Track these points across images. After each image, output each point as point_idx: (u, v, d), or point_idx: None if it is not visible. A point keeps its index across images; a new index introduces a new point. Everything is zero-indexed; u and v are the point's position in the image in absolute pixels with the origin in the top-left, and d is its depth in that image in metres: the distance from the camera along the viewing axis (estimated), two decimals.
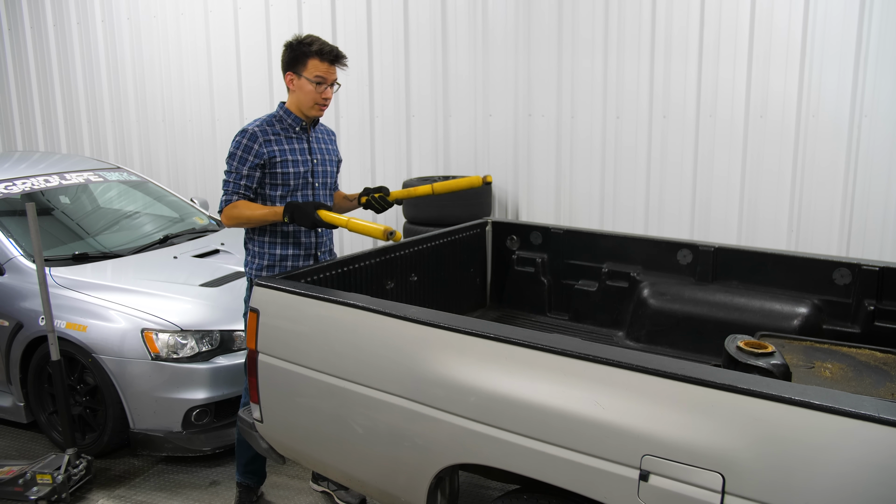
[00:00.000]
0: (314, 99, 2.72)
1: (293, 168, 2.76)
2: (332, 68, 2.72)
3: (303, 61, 2.69)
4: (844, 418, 1.41)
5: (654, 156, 4.72)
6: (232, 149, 2.70)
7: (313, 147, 2.86)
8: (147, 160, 6.95)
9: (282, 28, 5.90)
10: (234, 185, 2.69)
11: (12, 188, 4.03)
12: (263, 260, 2.81)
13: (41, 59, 7.43)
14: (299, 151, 2.79)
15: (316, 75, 2.69)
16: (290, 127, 2.79)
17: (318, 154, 2.86)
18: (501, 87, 5.17)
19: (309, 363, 2.30)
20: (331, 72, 2.72)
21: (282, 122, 2.79)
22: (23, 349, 3.50)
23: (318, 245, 2.88)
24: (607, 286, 3.35)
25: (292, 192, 2.78)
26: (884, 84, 4.03)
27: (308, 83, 2.70)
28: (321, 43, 2.70)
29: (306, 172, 2.80)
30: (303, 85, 2.71)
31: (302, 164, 2.79)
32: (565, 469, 1.74)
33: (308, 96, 2.72)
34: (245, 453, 2.94)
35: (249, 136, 2.70)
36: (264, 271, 2.80)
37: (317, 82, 2.69)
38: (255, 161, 2.69)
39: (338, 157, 3.02)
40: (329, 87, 2.73)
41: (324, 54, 2.68)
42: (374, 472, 2.24)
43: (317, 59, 2.68)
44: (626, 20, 4.65)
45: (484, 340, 1.91)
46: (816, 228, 4.34)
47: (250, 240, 2.84)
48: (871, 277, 2.71)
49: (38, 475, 3.02)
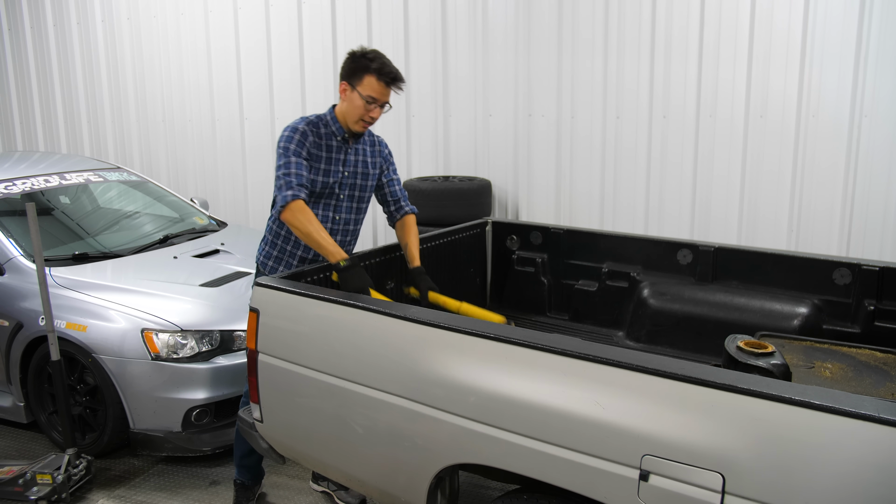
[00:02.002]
0: (361, 115, 2.66)
1: (322, 177, 2.70)
2: (388, 90, 2.66)
3: (360, 75, 2.62)
4: (844, 418, 1.41)
5: (654, 156, 4.73)
6: (284, 143, 2.62)
7: (349, 159, 2.78)
8: (147, 160, 6.95)
9: (282, 28, 5.90)
10: (297, 181, 2.57)
11: (12, 188, 4.03)
12: (274, 249, 2.81)
13: (41, 59, 7.43)
14: (333, 161, 2.73)
15: (369, 94, 2.62)
16: (333, 134, 2.73)
17: (351, 166, 2.79)
18: (501, 87, 5.17)
19: (309, 363, 2.30)
20: (385, 93, 2.65)
21: (327, 126, 2.73)
22: (23, 349, 3.50)
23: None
24: (607, 286, 3.35)
25: (314, 200, 2.72)
26: (884, 84, 4.03)
27: (359, 98, 2.63)
28: (382, 62, 2.63)
29: (334, 184, 2.74)
30: (354, 99, 2.65)
31: (332, 175, 2.73)
32: (565, 469, 1.74)
33: (356, 111, 2.65)
34: (243, 446, 2.95)
35: (301, 133, 2.64)
36: (271, 261, 2.82)
37: (368, 101, 2.63)
38: (307, 157, 2.64)
39: (379, 169, 2.90)
40: (379, 108, 2.67)
41: (382, 74, 2.61)
42: (374, 472, 2.24)
43: (374, 78, 2.61)
44: (626, 20, 4.65)
45: (484, 340, 1.91)
46: (816, 228, 4.34)
47: (271, 229, 2.82)
48: (871, 277, 2.71)
49: (38, 475, 3.02)
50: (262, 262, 2.85)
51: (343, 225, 2.84)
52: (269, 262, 2.83)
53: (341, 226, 2.83)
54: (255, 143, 6.29)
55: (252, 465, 3.03)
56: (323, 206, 2.76)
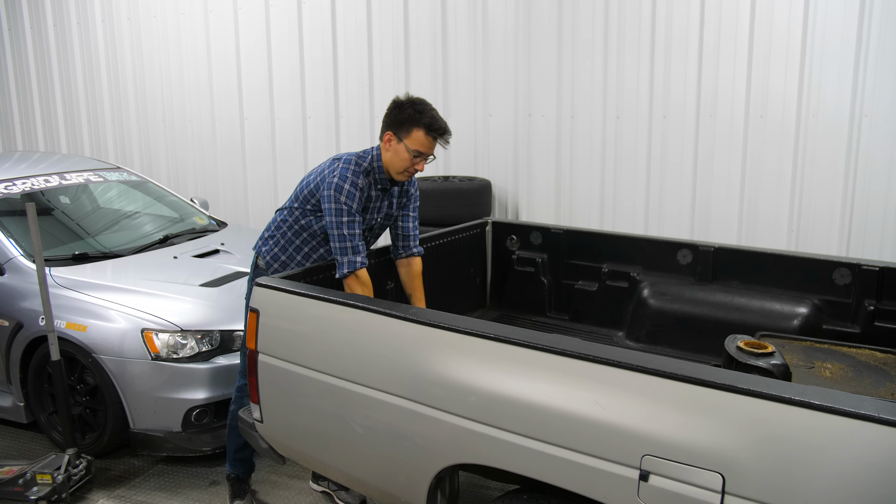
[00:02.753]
0: (406, 168, 2.60)
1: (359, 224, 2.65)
2: (435, 143, 2.61)
3: (407, 128, 2.56)
4: (844, 418, 1.41)
5: (654, 156, 4.73)
6: (346, 200, 2.54)
7: (382, 206, 2.75)
8: (147, 160, 6.95)
9: (282, 28, 5.90)
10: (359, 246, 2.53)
11: (12, 188, 4.03)
12: (283, 254, 2.80)
13: (41, 59, 7.43)
14: (371, 210, 2.70)
15: (416, 148, 2.57)
16: (376, 183, 2.68)
17: (384, 212, 2.77)
18: (501, 87, 5.17)
19: (309, 363, 2.30)
20: (432, 147, 2.61)
21: (373, 174, 2.66)
22: (23, 349, 3.50)
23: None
24: (607, 286, 3.35)
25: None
26: (884, 84, 4.03)
27: (405, 151, 2.57)
28: (432, 115, 2.57)
29: (366, 230, 2.75)
30: (400, 151, 2.58)
31: (367, 223, 2.72)
32: (565, 469, 1.74)
33: (402, 163, 2.60)
34: (235, 441, 2.98)
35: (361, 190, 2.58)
36: (276, 263, 2.80)
37: (415, 154, 2.58)
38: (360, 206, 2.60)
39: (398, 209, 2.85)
40: (424, 160, 2.63)
41: (431, 130, 2.56)
42: (374, 472, 2.24)
43: (423, 132, 2.55)
44: (626, 20, 4.65)
45: (484, 340, 1.91)
46: (816, 228, 4.34)
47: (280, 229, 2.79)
48: (871, 277, 2.71)
49: (38, 475, 3.02)
50: (268, 260, 2.83)
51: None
52: (274, 264, 2.82)
53: None
54: (255, 143, 6.29)
55: (246, 457, 3.06)
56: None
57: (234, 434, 2.95)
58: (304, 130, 6.00)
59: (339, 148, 5.86)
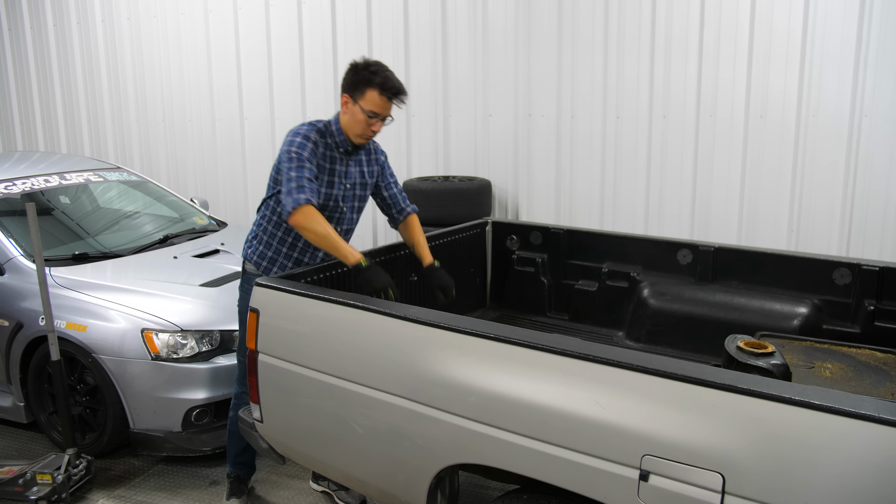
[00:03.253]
0: (363, 129, 2.63)
1: (325, 188, 2.68)
2: (390, 104, 2.62)
3: (362, 89, 2.58)
4: (844, 418, 1.41)
5: (654, 156, 4.72)
6: (297, 150, 2.56)
7: (350, 171, 2.77)
8: (147, 160, 6.95)
9: (282, 28, 5.90)
10: (309, 185, 2.51)
11: (12, 188, 4.03)
12: (269, 250, 2.79)
13: (41, 59, 7.43)
14: (336, 173, 2.71)
15: (371, 109, 2.58)
16: (336, 145, 2.70)
17: (352, 178, 2.77)
18: (501, 87, 5.17)
19: (309, 363, 2.30)
20: (387, 107, 2.61)
21: (332, 137, 2.69)
22: (23, 349, 3.50)
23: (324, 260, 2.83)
24: (607, 286, 3.35)
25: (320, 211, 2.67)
26: (884, 84, 4.03)
27: (361, 112, 2.59)
28: (385, 75, 2.58)
29: (336, 195, 2.73)
30: (356, 112, 2.61)
31: (336, 187, 2.71)
32: (565, 469, 1.74)
33: (358, 125, 2.62)
34: (236, 445, 2.98)
35: (313, 143, 2.60)
36: (265, 261, 2.80)
37: (370, 115, 2.59)
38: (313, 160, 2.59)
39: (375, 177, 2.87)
40: (381, 122, 2.64)
41: (385, 89, 2.57)
42: (374, 472, 2.24)
43: (376, 92, 2.57)
44: (626, 20, 4.65)
45: (484, 340, 1.91)
46: (816, 228, 4.34)
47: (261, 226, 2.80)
48: (871, 277, 2.71)
49: (38, 475, 3.02)
50: (255, 261, 2.82)
51: (346, 235, 2.85)
52: (263, 263, 2.81)
53: (344, 236, 2.84)
54: (255, 143, 6.29)
55: (247, 461, 3.06)
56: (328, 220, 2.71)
57: (235, 439, 2.95)
58: None
59: None
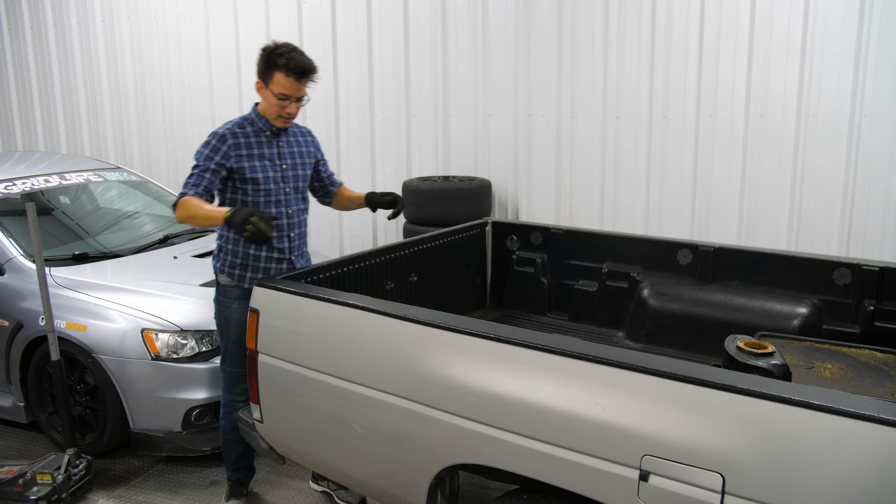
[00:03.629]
0: (277, 112, 2.67)
1: (261, 173, 2.71)
2: (299, 84, 2.63)
3: (270, 73, 2.61)
4: (844, 418, 1.41)
5: (654, 156, 4.72)
6: (200, 148, 2.65)
7: (283, 152, 2.79)
8: (147, 160, 6.95)
9: (282, 28, 5.90)
10: (194, 181, 2.60)
11: (12, 188, 4.03)
12: (237, 258, 2.78)
13: (41, 59, 7.43)
14: (268, 157, 2.74)
15: (280, 91, 2.61)
16: (261, 131, 2.74)
17: (287, 159, 2.80)
18: (501, 87, 5.17)
19: (309, 363, 2.30)
20: (297, 88, 2.63)
21: (253, 125, 2.73)
22: (23, 349, 3.50)
23: (291, 249, 2.85)
24: (607, 286, 3.35)
25: (263, 198, 2.73)
26: (884, 84, 4.03)
27: (272, 96, 2.63)
28: (289, 57, 2.60)
29: (276, 178, 2.76)
30: (268, 97, 2.65)
31: (270, 170, 2.74)
32: (565, 469, 1.74)
33: (273, 108, 2.67)
34: (232, 452, 2.98)
35: (219, 138, 2.64)
36: (237, 269, 2.79)
37: (280, 98, 2.62)
38: (222, 161, 2.63)
39: (315, 158, 2.96)
40: (294, 103, 2.67)
41: (290, 70, 2.58)
42: (374, 472, 2.24)
43: (282, 74, 2.59)
44: (626, 20, 4.65)
45: (484, 340, 1.91)
46: (816, 228, 4.34)
47: (222, 237, 2.82)
48: (871, 277, 2.71)
49: (38, 475, 3.02)
50: (228, 272, 2.80)
51: (297, 217, 2.86)
52: (235, 272, 2.79)
53: (295, 218, 2.85)
54: None
55: (246, 465, 3.06)
56: (275, 204, 2.76)
57: (230, 447, 2.96)
58: None
59: (339, 148, 5.86)
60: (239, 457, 3.00)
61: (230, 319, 2.79)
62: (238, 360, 2.82)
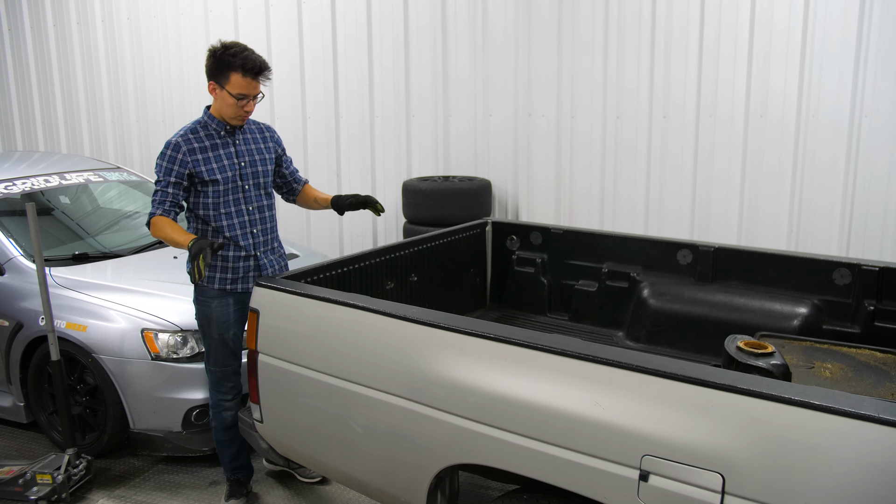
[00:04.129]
0: (235, 112, 2.69)
1: (220, 174, 2.73)
2: (255, 82, 2.65)
3: (225, 74, 2.62)
4: (844, 418, 1.41)
5: (654, 156, 4.72)
6: (158, 160, 2.68)
7: (240, 150, 2.81)
8: (147, 160, 6.95)
9: (282, 28, 5.90)
10: (160, 199, 2.67)
11: (12, 188, 4.03)
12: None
13: (41, 59, 7.43)
14: (225, 156, 2.76)
15: (238, 91, 2.63)
16: (215, 132, 2.76)
17: (245, 156, 2.82)
18: (501, 87, 5.17)
19: (309, 363, 2.30)
20: (253, 86, 2.65)
21: (206, 128, 2.76)
22: (23, 349, 3.50)
23: (256, 245, 2.86)
24: (607, 286, 3.35)
25: (223, 198, 2.76)
26: (884, 84, 4.03)
27: (229, 97, 2.64)
28: (244, 57, 2.61)
29: (234, 176, 2.78)
30: (225, 97, 2.66)
31: (229, 169, 2.76)
32: (565, 469, 1.74)
33: (229, 108, 2.68)
34: (227, 452, 2.98)
35: (173, 147, 2.67)
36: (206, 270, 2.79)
37: (238, 98, 2.65)
38: (181, 171, 2.67)
39: (275, 153, 2.96)
40: (252, 101, 2.69)
41: (246, 70, 2.60)
42: (375, 472, 2.24)
43: (239, 74, 2.61)
44: (626, 20, 4.65)
45: (484, 340, 1.91)
46: (816, 228, 4.34)
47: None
48: (871, 277, 2.71)
49: (38, 475, 3.02)
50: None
51: (259, 213, 2.87)
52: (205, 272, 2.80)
53: (257, 214, 2.86)
54: None
55: (243, 464, 3.05)
56: (234, 202, 2.79)
57: (224, 447, 2.97)
58: (303, 130, 5.99)
59: (339, 148, 5.86)
60: (234, 456, 3.00)
61: (211, 318, 2.82)
62: (222, 358, 2.84)
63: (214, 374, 2.88)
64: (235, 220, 2.80)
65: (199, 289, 2.84)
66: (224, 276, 2.81)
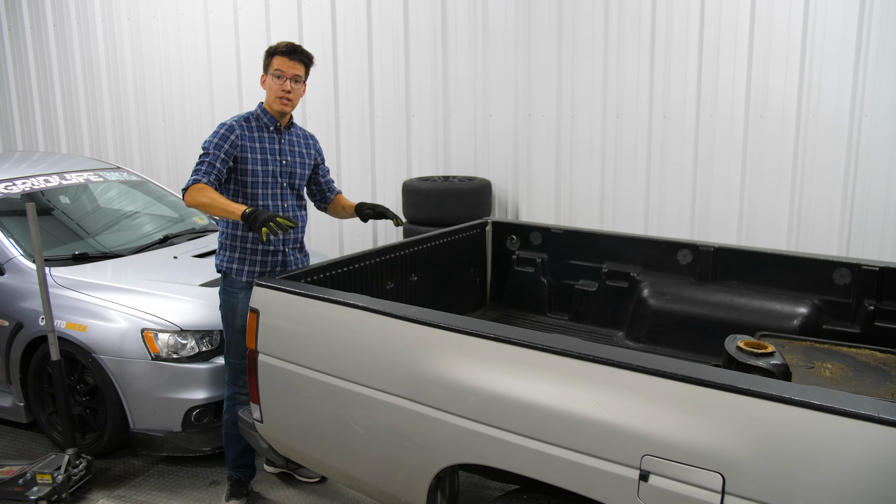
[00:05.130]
0: (276, 92, 2.84)
1: (261, 166, 2.85)
2: (292, 63, 2.84)
3: (268, 61, 2.88)
4: (844, 418, 1.41)
5: (654, 156, 4.72)
6: (210, 137, 2.79)
7: (284, 149, 2.94)
8: (147, 160, 6.95)
9: (282, 28, 5.90)
10: (206, 169, 2.72)
11: (12, 188, 4.03)
12: (235, 252, 2.88)
13: (41, 59, 7.43)
14: (269, 151, 2.89)
15: (275, 69, 2.84)
16: (265, 126, 2.90)
17: (287, 156, 2.95)
18: (501, 87, 5.17)
19: (309, 363, 2.30)
20: (289, 66, 2.84)
21: (258, 119, 2.91)
22: (23, 349, 3.50)
23: (286, 241, 2.94)
24: (607, 286, 3.35)
25: (261, 190, 2.85)
26: (884, 84, 4.03)
27: (271, 78, 2.86)
28: (284, 42, 2.89)
29: (274, 171, 2.89)
30: (268, 81, 2.87)
31: (271, 163, 2.88)
32: (565, 469, 1.74)
33: (272, 91, 2.86)
34: (233, 449, 2.99)
35: (227, 128, 2.80)
36: (235, 263, 2.87)
37: (276, 76, 2.83)
38: (230, 150, 2.77)
39: (314, 161, 3.09)
40: (289, 81, 2.84)
41: (280, 51, 2.85)
42: (375, 472, 2.24)
43: (276, 56, 2.85)
44: (626, 20, 4.65)
45: (484, 340, 1.91)
46: (816, 228, 4.34)
47: (223, 234, 2.91)
48: (871, 277, 2.71)
49: (38, 475, 3.02)
50: (227, 267, 2.89)
51: (292, 212, 2.96)
52: (234, 266, 2.88)
53: (290, 213, 2.95)
54: None
55: (247, 462, 3.06)
56: (271, 196, 2.89)
57: (231, 442, 2.98)
58: None
59: (339, 147, 5.86)
60: (240, 454, 3.00)
61: (236, 309, 2.86)
62: (242, 350, 2.84)
63: (234, 366, 2.91)
64: None
65: (228, 280, 2.90)
66: (252, 269, 2.87)
